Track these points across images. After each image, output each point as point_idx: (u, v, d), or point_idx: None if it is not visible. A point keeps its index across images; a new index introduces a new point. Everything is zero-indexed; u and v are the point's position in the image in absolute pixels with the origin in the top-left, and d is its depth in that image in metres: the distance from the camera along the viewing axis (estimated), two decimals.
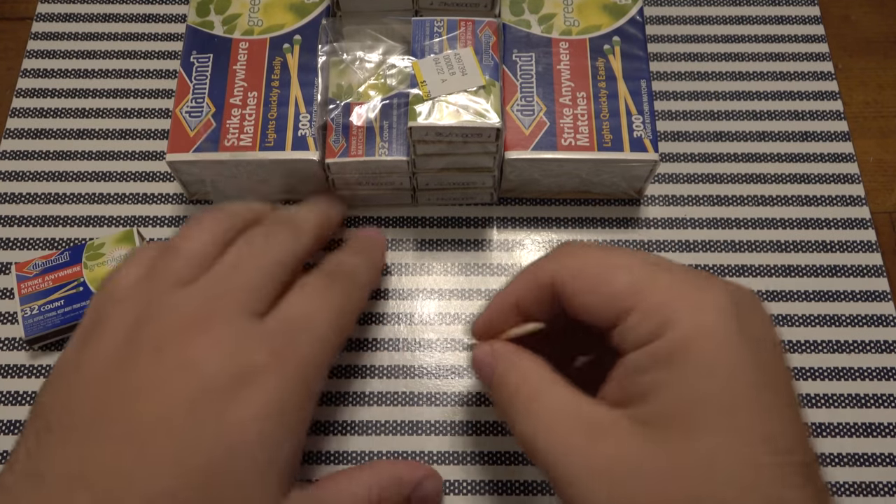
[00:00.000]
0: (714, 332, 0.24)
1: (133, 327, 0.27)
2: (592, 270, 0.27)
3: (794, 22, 0.48)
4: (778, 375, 0.25)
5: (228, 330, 0.28)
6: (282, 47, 0.41)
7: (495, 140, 0.37)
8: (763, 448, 0.23)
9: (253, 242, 0.31)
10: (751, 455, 0.23)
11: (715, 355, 0.24)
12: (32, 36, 0.47)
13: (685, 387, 0.24)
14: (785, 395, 0.24)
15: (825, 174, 0.44)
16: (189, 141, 0.39)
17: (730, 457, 0.23)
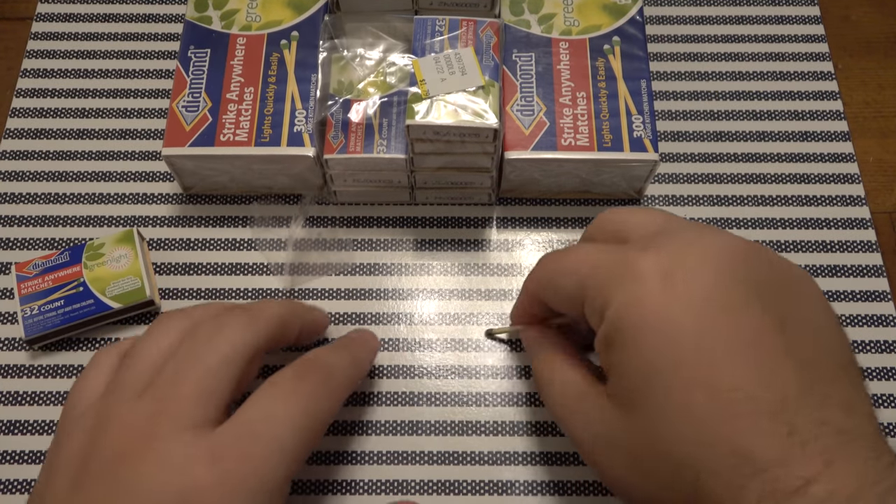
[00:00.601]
0: (640, 301, 0.25)
1: (87, 450, 0.28)
2: (549, 281, 0.31)
3: (794, 22, 0.48)
4: (738, 321, 0.24)
5: (172, 448, 0.27)
6: (279, 43, 0.41)
7: (493, 140, 0.37)
8: (713, 399, 0.23)
9: (196, 339, 0.30)
10: (701, 409, 0.23)
11: (644, 324, 0.25)
12: (32, 36, 0.47)
13: (626, 362, 0.26)
14: (748, 337, 0.24)
15: (825, 174, 0.44)
16: (185, 135, 0.39)
17: (678, 414, 0.24)
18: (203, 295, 0.40)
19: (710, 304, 0.24)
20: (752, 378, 0.23)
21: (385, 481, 0.36)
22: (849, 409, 0.23)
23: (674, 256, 0.26)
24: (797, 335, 0.24)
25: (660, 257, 0.26)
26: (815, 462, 0.22)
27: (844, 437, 0.22)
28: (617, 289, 0.26)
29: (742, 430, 0.23)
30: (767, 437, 0.22)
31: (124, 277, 0.38)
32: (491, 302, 0.40)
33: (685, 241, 0.26)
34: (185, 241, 0.42)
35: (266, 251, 0.40)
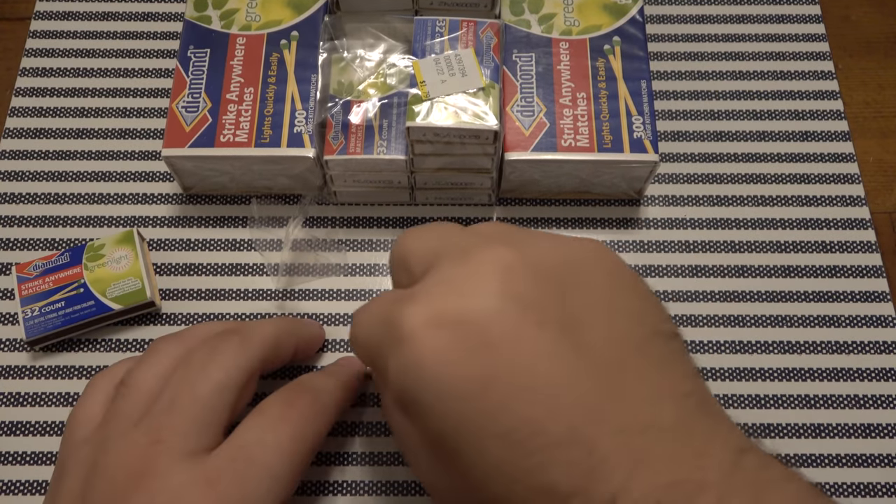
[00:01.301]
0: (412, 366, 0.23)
1: (86, 484, 0.28)
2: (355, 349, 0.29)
3: (795, 21, 0.48)
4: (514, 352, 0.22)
5: (166, 482, 0.27)
6: (279, 43, 0.41)
7: (493, 142, 0.37)
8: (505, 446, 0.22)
9: (190, 367, 0.30)
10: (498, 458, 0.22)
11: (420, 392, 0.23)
12: (31, 34, 0.47)
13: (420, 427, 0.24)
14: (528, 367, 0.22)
15: (825, 174, 0.44)
16: (185, 136, 0.39)
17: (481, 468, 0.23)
18: (203, 295, 0.40)
19: (483, 344, 0.22)
20: (539, 410, 0.22)
21: (385, 482, 0.36)
22: (653, 399, 0.22)
23: (437, 299, 0.24)
24: (584, 334, 0.23)
25: (422, 306, 0.23)
26: (619, 474, 0.20)
27: (649, 433, 0.21)
28: (389, 357, 0.24)
29: (539, 467, 0.21)
30: (564, 466, 0.21)
31: (125, 279, 0.38)
32: None
33: (448, 275, 0.24)
34: (185, 241, 0.42)
35: (265, 251, 0.40)
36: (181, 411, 0.29)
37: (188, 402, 0.29)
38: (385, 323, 0.25)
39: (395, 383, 0.24)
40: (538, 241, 0.25)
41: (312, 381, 0.33)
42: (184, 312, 0.40)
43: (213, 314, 0.40)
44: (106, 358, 0.39)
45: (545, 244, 0.25)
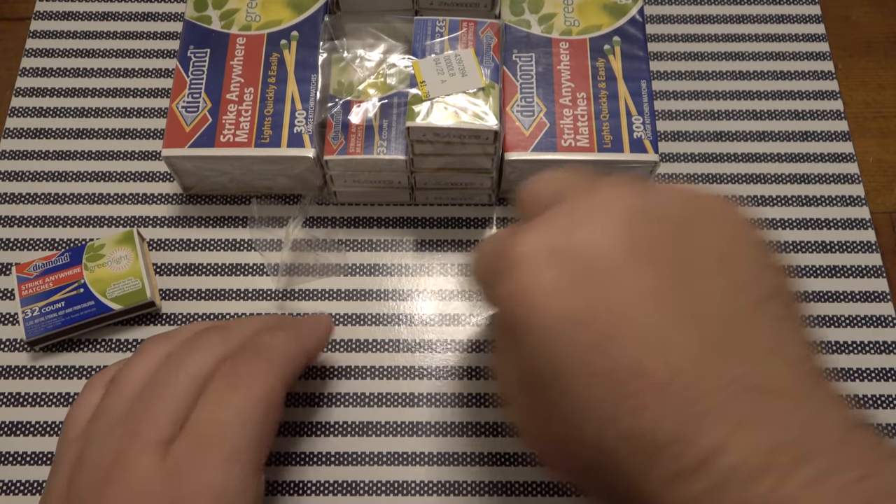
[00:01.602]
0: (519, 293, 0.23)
1: (70, 479, 0.29)
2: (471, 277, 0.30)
3: (795, 21, 0.48)
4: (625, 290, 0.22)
5: (134, 474, 0.27)
6: (279, 43, 0.41)
7: (493, 142, 0.37)
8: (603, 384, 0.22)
9: (171, 361, 0.31)
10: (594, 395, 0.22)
11: (525, 318, 0.23)
12: (31, 34, 0.47)
13: (520, 356, 0.24)
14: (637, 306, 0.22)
15: (825, 174, 0.44)
16: (185, 136, 0.39)
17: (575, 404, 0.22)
18: (203, 295, 0.40)
19: (593, 279, 0.22)
20: (641, 353, 0.21)
21: (385, 482, 0.36)
22: (766, 356, 0.21)
23: (555, 230, 0.24)
24: (698, 285, 0.22)
25: (538, 235, 0.24)
26: (722, 428, 0.20)
27: (754, 394, 0.20)
28: (498, 282, 0.24)
29: (636, 410, 0.21)
30: (664, 412, 0.20)
31: (125, 279, 0.38)
32: None
33: (571, 208, 0.24)
34: (185, 241, 0.42)
35: (265, 251, 0.40)
36: (157, 403, 0.29)
37: (165, 394, 0.29)
38: (501, 249, 0.25)
39: (503, 308, 0.24)
40: (666, 190, 0.25)
41: (255, 340, 0.32)
42: (184, 312, 0.40)
43: (213, 314, 0.40)
44: (106, 358, 0.39)
45: (673, 193, 0.25)
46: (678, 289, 0.22)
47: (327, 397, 0.38)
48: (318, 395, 0.38)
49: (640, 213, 0.23)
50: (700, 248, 0.23)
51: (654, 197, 0.24)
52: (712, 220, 0.24)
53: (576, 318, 0.22)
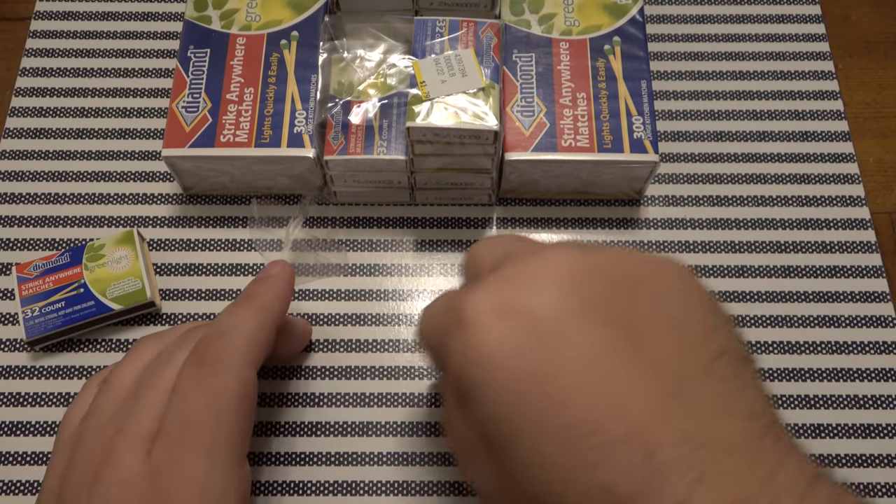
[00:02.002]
0: (472, 351, 0.23)
1: (62, 478, 0.29)
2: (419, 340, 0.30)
3: (795, 21, 0.48)
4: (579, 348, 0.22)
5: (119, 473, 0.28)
6: (279, 43, 0.41)
7: (493, 142, 0.37)
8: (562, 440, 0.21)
9: (160, 360, 0.31)
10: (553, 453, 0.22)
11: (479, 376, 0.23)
12: (31, 34, 0.47)
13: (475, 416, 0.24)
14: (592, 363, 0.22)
15: (825, 174, 0.44)
16: (185, 136, 0.39)
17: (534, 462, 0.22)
18: (203, 295, 0.40)
19: (544, 337, 0.22)
20: (598, 409, 0.21)
21: (385, 482, 0.36)
22: (720, 414, 0.21)
23: (502, 290, 0.24)
24: (651, 343, 0.22)
25: (486, 295, 0.24)
26: (681, 484, 0.20)
27: (714, 449, 0.20)
28: (450, 342, 0.24)
29: (596, 466, 0.21)
30: (623, 467, 0.20)
31: (125, 279, 0.38)
32: None
33: (515, 269, 0.24)
34: (185, 241, 0.42)
35: (265, 251, 0.40)
36: (143, 401, 0.29)
37: (151, 391, 0.30)
38: (450, 309, 0.25)
39: (455, 367, 0.24)
40: (609, 250, 0.25)
41: (215, 326, 0.32)
42: (184, 312, 0.40)
43: (213, 314, 0.40)
44: (106, 358, 0.39)
45: (616, 252, 0.25)
46: (630, 347, 0.22)
47: (327, 397, 0.38)
48: (319, 395, 0.38)
49: (586, 273, 0.24)
50: (648, 308, 0.23)
51: (599, 258, 0.24)
52: (658, 281, 0.24)
53: (530, 376, 0.22)
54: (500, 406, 0.22)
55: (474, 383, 0.23)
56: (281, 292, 0.34)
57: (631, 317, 0.23)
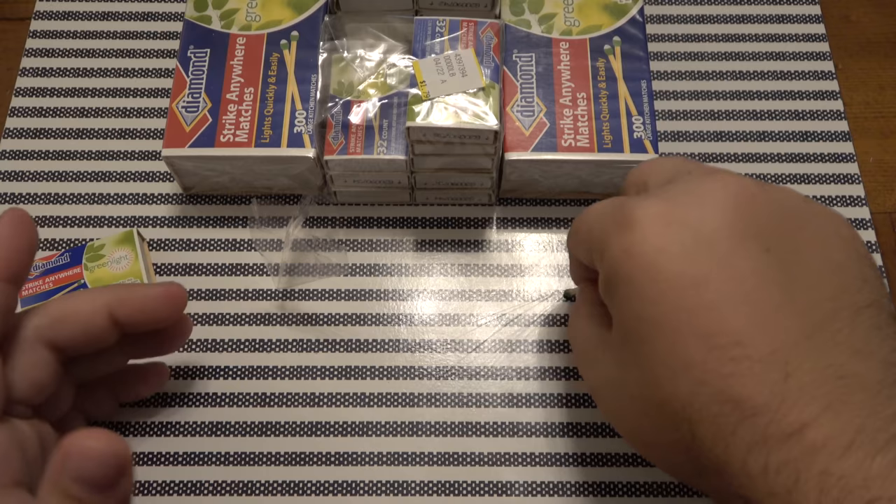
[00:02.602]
0: (633, 249, 0.25)
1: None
2: (572, 236, 0.31)
3: (795, 21, 0.48)
4: (735, 266, 0.24)
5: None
6: (279, 43, 0.41)
7: (493, 142, 0.37)
8: (703, 347, 0.23)
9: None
10: (692, 357, 0.23)
11: (635, 273, 0.25)
12: (31, 34, 0.47)
13: (622, 311, 0.26)
14: (745, 283, 0.23)
15: (825, 174, 0.44)
16: (185, 136, 0.39)
17: (671, 363, 0.24)
18: (203, 295, 0.40)
19: (707, 249, 0.24)
20: (747, 324, 0.23)
21: (385, 482, 0.36)
22: (859, 354, 0.22)
23: (675, 202, 0.25)
24: (804, 278, 0.24)
25: (659, 203, 0.25)
26: (813, 407, 0.21)
27: (848, 382, 0.22)
28: (613, 237, 0.26)
29: (732, 375, 0.22)
30: (759, 382, 0.22)
31: (125, 279, 0.38)
32: (491, 303, 0.40)
33: (690, 186, 0.26)
34: (185, 241, 0.42)
35: (265, 251, 0.40)
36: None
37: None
38: (618, 209, 0.26)
39: (612, 263, 0.25)
40: (782, 188, 0.26)
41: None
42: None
43: (213, 314, 0.40)
44: None
45: (788, 191, 0.26)
46: (786, 276, 0.23)
47: (327, 397, 0.38)
48: (319, 395, 0.38)
49: (756, 201, 0.25)
50: (809, 246, 0.24)
51: (771, 191, 0.26)
52: (823, 225, 0.25)
53: (690, 280, 0.23)
54: (653, 303, 0.24)
55: (630, 279, 0.25)
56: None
57: (791, 250, 0.24)
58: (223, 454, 0.37)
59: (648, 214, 0.25)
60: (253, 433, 0.37)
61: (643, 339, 0.24)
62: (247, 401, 0.38)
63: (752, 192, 0.25)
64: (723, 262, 0.24)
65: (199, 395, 0.38)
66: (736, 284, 0.23)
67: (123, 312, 0.31)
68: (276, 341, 0.39)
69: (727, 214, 0.24)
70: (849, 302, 0.24)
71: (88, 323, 0.30)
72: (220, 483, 0.36)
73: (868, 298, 0.24)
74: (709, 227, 0.24)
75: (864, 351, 0.23)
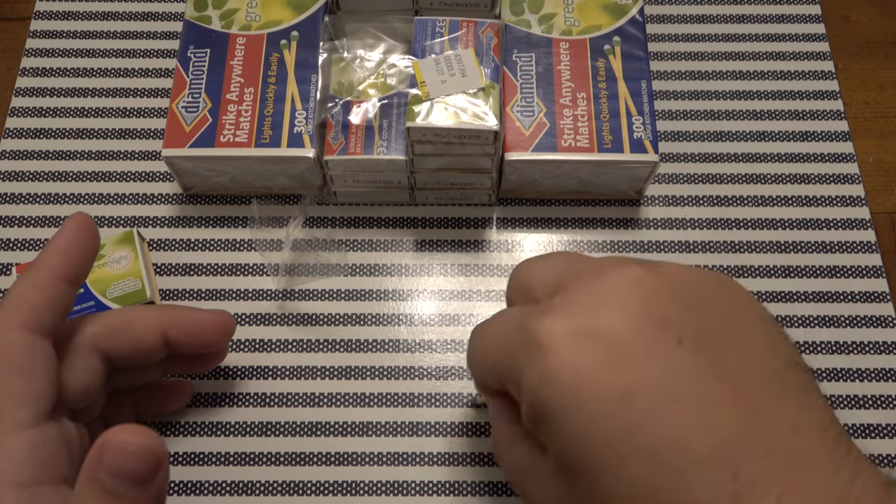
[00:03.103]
0: (550, 375, 0.23)
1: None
2: (474, 364, 0.29)
3: (795, 21, 0.48)
4: (657, 368, 0.22)
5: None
6: (279, 43, 0.41)
7: (493, 142, 0.37)
8: (647, 462, 0.21)
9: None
10: (638, 475, 0.22)
11: (560, 400, 0.23)
12: (31, 34, 0.47)
13: (554, 441, 0.24)
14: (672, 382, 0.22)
15: (825, 174, 0.44)
16: (185, 136, 0.39)
17: (617, 486, 0.22)
18: (203, 295, 0.40)
19: (624, 358, 0.22)
20: (683, 428, 0.21)
21: (385, 482, 0.36)
22: (796, 426, 0.22)
23: (576, 314, 0.24)
24: (725, 358, 0.23)
25: (560, 319, 0.24)
26: (769, 499, 0.20)
27: (797, 461, 0.21)
28: (524, 367, 0.24)
29: (682, 488, 0.21)
30: (711, 488, 0.21)
31: (125, 279, 0.38)
32: (491, 303, 0.40)
33: (586, 292, 0.24)
34: (185, 241, 0.42)
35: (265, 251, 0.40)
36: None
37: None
38: (521, 334, 0.24)
39: (531, 394, 0.24)
40: (666, 265, 0.25)
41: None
42: None
43: None
44: None
45: (674, 268, 0.25)
46: (706, 363, 0.22)
47: (327, 397, 0.38)
48: (319, 395, 0.38)
49: (653, 291, 0.24)
50: (716, 324, 0.23)
51: (662, 275, 0.24)
52: (721, 296, 0.24)
53: (615, 397, 0.22)
54: (583, 430, 0.22)
55: (554, 408, 0.23)
56: (62, 245, 0.30)
57: (701, 333, 0.23)
58: (222, 454, 0.37)
59: (554, 335, 0.23)
60: (253, 433, 0.37)
61: (582, 466, 0.23)
62: (247, 401, 0.38)
63: (647, 283, 0.24)
64: (644, 368, 0.22)
65: (198, 395, 0.38)
66: (662, 389, 0.22)
67: (175, 333, 0.33)
68: (276, 341, 0.39)
69: (632, 314, 0.23)
70: (771, 369, 0.23)
71: (142, 339, 0.32)
72: (219, 483, 0.36)
73: (784, 360, 0.23)
74: (619, 334, 0.23)
75: (800, 421, 0.22)
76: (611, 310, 0.23)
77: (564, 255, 0.28)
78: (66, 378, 0.29)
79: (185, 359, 0.35)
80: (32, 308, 0.28)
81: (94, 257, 0.31)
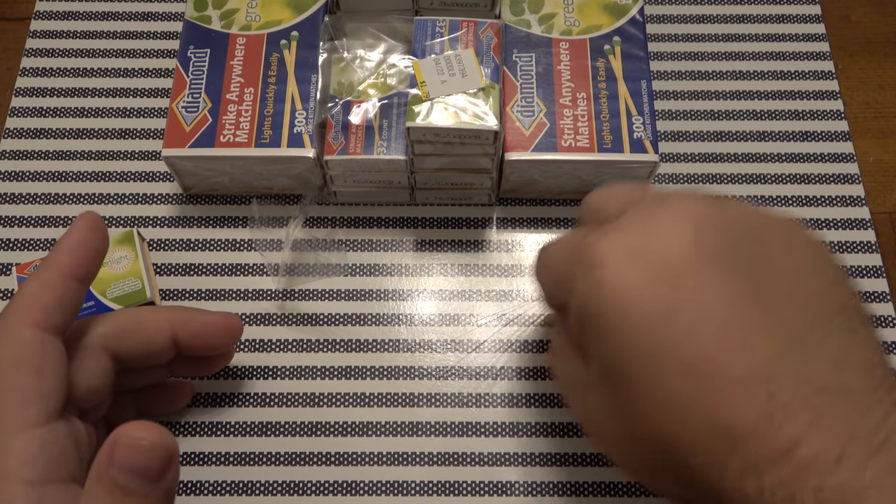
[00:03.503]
0: (599, 287, 0.25)
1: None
2: (537, 277, 0.31)
3: (795, 21, 0.48)
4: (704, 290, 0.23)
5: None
6: (279, 43, 0.41)
7: (493, 142, 0.37)
8: (684, 377, 0.23)
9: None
10: (674, 388, 0.23)
11: (605, 311, 0.24)
12: (31, 34, 0.47)
13: (597, 349, 0.25)
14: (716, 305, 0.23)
15: (825, 174, 0.44)
16: (185, 136, 0.39)
17: (654, 397, 0.23)
18: (203, 295, 0.40)
19: (674, 278, 0.24)
20: (724, 348, 0.22)
21: (385, 482, 0.36)
22: (838, 362, 0.22)
23: (634, 233, 0.25)
24: (774, 292, 0.24)
25: (619, 237, 0.25)
26: (799, 423, 0.21)
27: (831, 394, 0.22)
28: (579, 277, 0.26)
29: (717, 402, 0.22)
30: (743, 406, 0.22)
31: (125, 279, 0.38)
32: (491, 303, 0.40)
33: (646, 215, 0.26)
34: (185, 241, 0.42)
35: (265, 251, 0.40)
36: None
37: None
38: (578, 248, 0.26)
39: (581, 303, 0.25)
40: (735, 203, 0.26)
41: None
42: None
43: None
44: None
45: (742, 206, 0.26)
46: (755, 294, 0.23)
47: (327, 397, 0.38)
48: (319, 395, 0.38)
49: (715, 223, 0.25)
50: (773, 260, 0.24)
51: (727, 209, 0.26)
52: (781, 237, 0.25)
53: (662, 313, 0.23)
54: (627, 340, 0.24)
55: (602, 318, 0.24)
56: (73, 244, 0.30)
57: (756, 267, 0.24)
58: (222, 454, 0.37)
59: (610, 250, 0.25)
60: (253, 433, 0.37)
61: (622, 375, 0.24)
62: (247, 401, 0.38)
63: (708, 213, 0.25)
64: (691, 288, 0.24)
65: (198, 395, 0.38)
66: (707, 310, 0.23)
67: (184, 335, 0.33)
68: (276, 341, 0.39)
69: (688, 240, 0.24)
70: (820, 310, 0.23)
71: (151, 339, 0.32)
72: (219, 483, 0.36)
73: (838, 302, 0.24)
74: (672, 255, 0.24)
75: (842, 359, 0.22)
76: (666, 234, 0.25)
77: (640, 184, 0.30)
78: (75, 377, 0.30)
79: (192, 360, 0.36)
80: (43, 306, 0.29)
81: (103, 256, 0.31)
